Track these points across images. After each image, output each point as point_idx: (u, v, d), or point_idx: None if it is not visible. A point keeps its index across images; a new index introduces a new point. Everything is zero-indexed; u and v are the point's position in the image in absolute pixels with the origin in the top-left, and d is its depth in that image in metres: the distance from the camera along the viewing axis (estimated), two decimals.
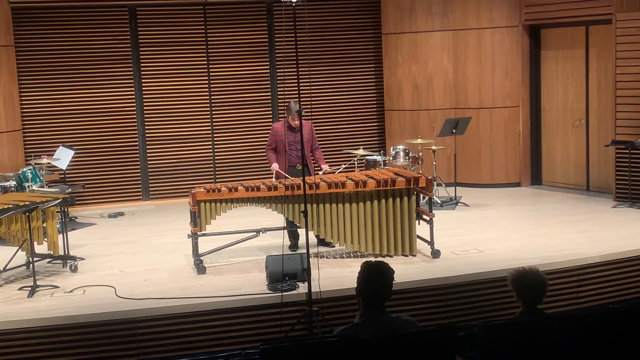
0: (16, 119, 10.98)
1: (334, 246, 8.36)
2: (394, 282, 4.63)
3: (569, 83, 11.27)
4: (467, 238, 8.68)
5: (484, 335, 4.50)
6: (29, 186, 9.50)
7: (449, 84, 11.92)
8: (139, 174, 11.70)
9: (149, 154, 11.69)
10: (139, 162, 11.68)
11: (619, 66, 10.12)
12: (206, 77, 11.79)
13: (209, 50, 11.75)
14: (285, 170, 8.35)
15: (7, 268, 7.65)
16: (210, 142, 11.89)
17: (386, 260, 7.83)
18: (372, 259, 5.30)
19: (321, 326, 6.52)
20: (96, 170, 11.49)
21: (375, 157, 10.35)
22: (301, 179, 7.00)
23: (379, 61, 12.30)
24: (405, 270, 7.44)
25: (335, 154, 11.88)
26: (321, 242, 8.29)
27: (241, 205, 7.82)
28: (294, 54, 6.73)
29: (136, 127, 11.61)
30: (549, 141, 11.64)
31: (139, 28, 11.51)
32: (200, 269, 7.71)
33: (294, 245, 8.44)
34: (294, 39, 6.73)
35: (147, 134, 11.66)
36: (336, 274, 7.48)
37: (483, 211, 10.19)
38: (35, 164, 10.00)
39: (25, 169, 9.71)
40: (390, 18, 11.98)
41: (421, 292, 7.11)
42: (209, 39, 11.74)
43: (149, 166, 11.70)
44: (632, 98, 10.03)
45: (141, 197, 11.74)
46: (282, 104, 11.71)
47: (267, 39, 11.95)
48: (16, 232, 7.57)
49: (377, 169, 9.70)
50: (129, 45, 11.49)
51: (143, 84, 11.58)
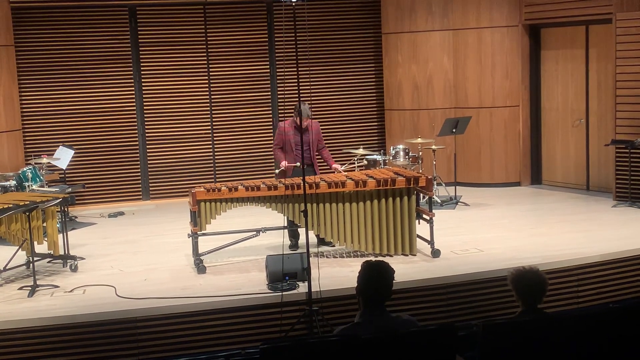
0: (16, 118, 10.98)
1: (334, 246, 8.36)
2: (394, 281, 4.63)
3: (569, 83, 11.27)
4: (467, 237, 8.68)
5: (484, 334, 4.51)
6: (29, 186, 9.50)
7: (449, 84, 11.92)
8: (139, 173, 11.70)
9: (149, 154, 11.69)
10: (139, 162, 11.68)
11: (619, 66, 10.12)
12: (206, 77, 11.79)
13: (208, 50, 11.75)
14: (291, 170, 8.35)
15: (7, 268, 7.65)
16: (210, 142, 11.89)
17: (386, 259, 7.84)
18: (373, 258, 5.31)
19: (321, 326, 6.52)
20: (96, 170, 11.49)
21: (375, 157, 10.35)
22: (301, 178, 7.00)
23: (379, 61, 12.30)
24: (405, 270, 7.44)
25: (336, 154, 11.86)
26: (321, 241, 8.30)
27: (241, 205, 7.82)
28: (294, 53, 6.73)
29: (136, 126, 11.61)
30: (549, 141, 11.65)
31: (138, 28, 11.51)
32: (201, 268, 7.71)
33: (294, 245, 8.44)
34: (293, 38, 6.73)
35: (147, 134, 11.66)
36: (336, 273, 7.48)
37: (483, 211, 10.19)
38: (35, 163, 10.00)
39: (25, 169, 9.71)
40: (390, 18, 11.98)
41: (421, 292, 7.11)
42: (208, 38, 11.74)
43: (149, 166, 11.70)
44: (632, 97, 10.03)
45: (141, 196, 11.74)
46: (282, 103, 11.72)
47: (267, 39, 11.95)
48: (16, 231, 7.57)
49: (377, 168, 9.70)
50: (129, 45, 11.49)
51: (143, 83, 11.58)
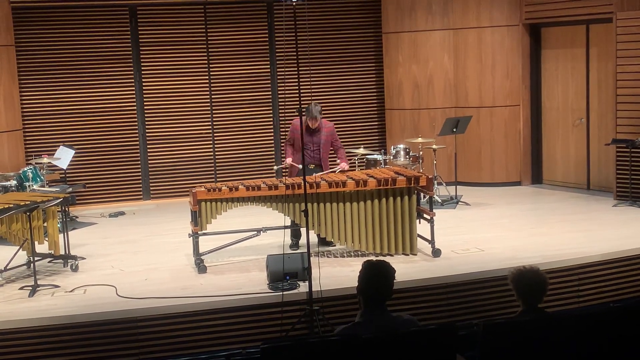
0: (17, 118, 10.98)
1: (334, 245, 8.36)
2: (394, 281, 4.63)
3: (569, 82, 11.27)
4: (467, 237, 8.68)
5: (484, 334, 4.51)
6: (29, 186, 9.50)
7: (449, 83, 11.92)
8: (140, 173, 11.70)
9: (149, 154, 11.69)
10: (139, 162, 11.68)
11: (619, 65, 10.12)
12: (206, 77, 11.79)
13: (209, 49, 11.75)
14: (296, 169, 8.36)
15: (8, 267, 7.66)
16: (211, 142, 11.89)
17: (387, 259, 7.84)
18: (373, 258, 5.30)
19: (322, 325, 6.52)
20: (97, 170, 11.49)
21: (375, 156, 10.35)
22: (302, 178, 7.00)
23: (379, 60, 12.30)
24: (406, 270, 7.44)
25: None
26: (322, 241, 8.30)
27: (242, 205, 7.82)
28: (294, 53, 6.73)
29: (137, 126, 11.61)
30: (550, 140, 11.64)
31: (139, 27, 11.51)
32: (201, 268, 7.71)
33: (294, 245, 8.45)
34: (294, 38, 6.73)
35: (147, 134, 11.66)
36: (337, 273, 7.48)
37: (483, 210, 10.19)
38: (36, 163, 10.00)
39: (25, 169, 9.72)
40: (391, 17, 11.98)
41: (422, 291, 7.11)
42: (209, 38, 11.74)
43: (149, 165, 11.70)
44: (633, 97, 10.03)
45: (142, 196, 11.74)
46: (283, 103, 11.72)
47: (267, 38, 11.95)
48: (17, 231, 7.57)
49: (378, 168, 9.71)
50: (130, 44, 11.49)
51: (143, 83, 11.58)
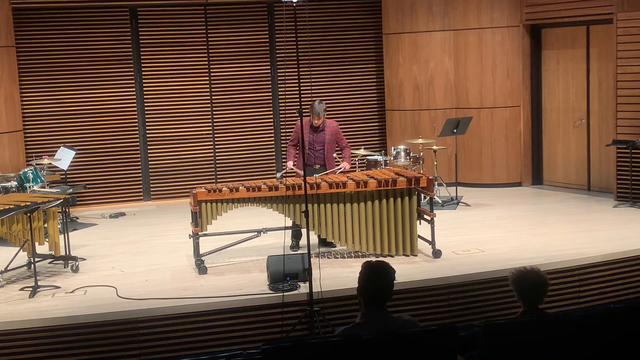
0: (17, 119, 10.98)
1: (335, 246, 8.36)
2: (395, 282, 4.62)
3: (569, 83, 11.27)
4: (468, 238, 8.68)
5: (485, 335, 4.50)
6: (30, 187, 9.50)
7: (449, 84, 11.92)
8: (140, 174, 11.71)
9: (150, 154, 11.69)
10: (140, 163, 11.68)
11: (619, 66, 10.12)
12: (207, 77, 11.79)
13: (209, 50, 11.76)
14: (302, 168, 8.35)
15: (8, 268, 7.65)
16: (211, 142, 11.90)
17: (387, 260, 7.85)
18: (373, 259, 5.30)
19: (322, 326, 6.52)
20: (97, 171, 11.50)
21: (376, 157, 10.35)
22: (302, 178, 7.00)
23: (379, 61, 12.30)
24: (406, 270, 7.44)
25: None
26: (322, 242, 8.29)
27: (242, 206, 7.82)
28: (295, 54, 6.74)
29: (137, 127, 11.61)
30: (550, 141, 11.65)
31: (139, 28, 11.51)
32: (202, 269, 7.71)
33: (295, 246, 8.45)
34: (294, 39, 6.74)
35: (148, 134, 11.66)
36: (337, 274, 7.48)
37: (484, 211, 10.19)
38: (37, 164, 10.01)
39: (26, 170, 9.72)
40: (391, 18, 11.98)
41: (422, 292, 7.11)
42: (209, 39, 11.74)
43: (150, 166, 11.71)
44: (633, 98, 10.03)
45: (142, 197, 11.75)
46: (283, 104, 11.72)
47: (267, 39, 11.95)
48: (17, 232, 7.57)
49: (378, 168, 9.71)
50: (130, 45, 11.49)
51: (144, 84, 11.59)
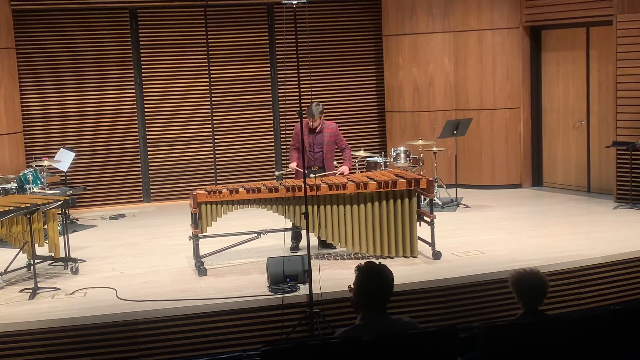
0: (17, 121, 10.98)
1: (335, 248, 8.36)
2: (395, 283, 4.62)
3: (569, 84, 11.27)
4: (468, 239, 8.68)
5: (485, 336, 4.50)
6: (30, 188, 9.50)
7: (449, 85, 11.92)
8: (140, 175, 11.71)
9: (149, 156, 11.69)
10: (139, 164, 11.68)
11: (619, 67, 10.12)
12: (207, 79, 11.79)
13: (209, 52, 11.76)
14: (302, 173, 8.35)
15: (8, 270, 7.64)
16: (211, 144, 11.89)
17: (387, 261, 7.86)
18: (362, 261, 5.28)
19: (322, 328, 6.52)
20: (97, 172, 11.49)
21: (376, 159, 10.35)
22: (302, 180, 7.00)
23: (379, 63, 12.31)
24: (406, 272, 7.44)
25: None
26: (322, 243, 8.29)
27: (242, 207, 7.82)
28: (295, 55, 6.74)
29: (137, 129, 11.61)
30: (550, 142, 11.65)
31: (139, 30, 11.52)
32: (201, 270, 7.71)
33: (295, 247, 8.45)
34: (294, 40, 6.74)
35: (148, 136, 11.66)
36: (337, 275, 7.47)
37: (484, 212, 10.19)
38: (36, 166, 10.00)
39: (26, 171, 9.72)
40: (391, 20, 11.98)
41: (422, 294, 7.11)
42: (209, 40, 11.74)
43: (150, 168, 11.70)
44: (633, 99, 10.03)
45: (142, 198, 11.74)
46: (283, 105, 11.72)
47: (267, 41, 11.95)
48: (17, 234, 7.57)
49: (378, 170, 9.70)
50: (130, 47, 11.49)
51: (144, 85, 11.58)
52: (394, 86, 12.08)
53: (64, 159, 10.46)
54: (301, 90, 6.67)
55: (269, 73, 12.01)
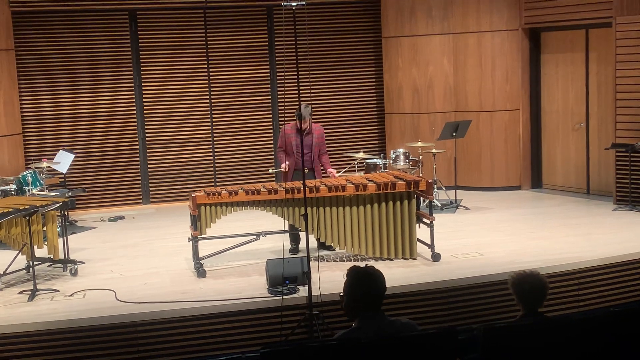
0: (16, 122, 10.98)
1: (334, 249, 8.36)
2: (395, 285, 4.61)
3: (569, 86, 11.28)
4: (467, 241, 8.67)
5: (484, 338, 4.50)
6: (29, 190, 9.49)
7: (449, 87, 11.92)
8: (139, 177, 11.70)
9: (149, 158, 11.69)
10: (139, 166, 11.68)
11: (619, 69, 10.12)
12: (206, 81, 11.80)
13: (209, 53, 11.76)
14: (291, 173, 8.35)
15: (7, 272, 7.64)
16: (211, 146, 11.89)
17: (386, 263, 7.88)
18: (365, 263, 5.28)
19: (322, 329, 6.52)
20: (96, 174, 11.49)
21: (375, 161, 10.35)
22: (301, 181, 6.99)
23: (379, 64, 12.31)
24: (406, 274, 7.44)
25: (336, 157, 11.87)
26: (322, 245, 8.29)
27: (241, 209, 7.82)
28: (294, 57, 6.74)
29: (136, 130, 11.61)
30: (550, 144, 11.65)
31: (139, 32, 11.52)
32: (201, 272, 7.70)
33: (294, 249, 8.44)
34: (294, 42, 6.74)
35: (147, 138, 11.66)
36: (337, 277, 7.45)
37: (483, 214, 10.18)
38: (36, 167, 10.00)
39: (25, 173, 9.72)
40: (391, 21, 11.99)
41: (421, 296, 7.10)
42: (209, 42, 11.75)
43: (149, 169, 11.70)
44: (633, 101, 10.03)
45: (141, 200, 11.74)
46: (282, 107, 11.72)
47: (267, 43, 11.96)
48: (16, 235, 7.57)
49: (378, 172, 9.70)
50: (129, 48, 11.49)
51: (143, 87, 11.59)
52: (394, 88, 12.09)
53: (63, 161, 10.45)
54: (300, 92, 6.66)
55: (269, 75, 12.01)
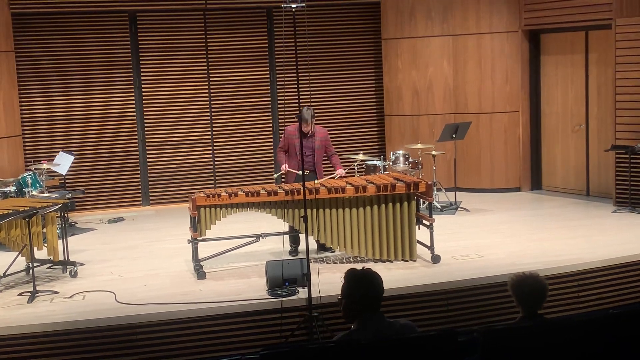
0: (16, 124, 10.98)
1: (334, 251, 8.36)
2: (394, 287, 4.61)
3: (568, 88, 11.28)
4: (467, 243, 8.68)
5: (484, 340, 4.49)
6: (28, 191, 9.49)
7: (448, 89, 11.92)
8: (139, 179, 11.70)
9: (149, 159, 11.69)
10: (139, 167, 11.68)
11: (618, 71, 10.13)
12: (206, 83, 11.80)
13: (209, 55, 11.76)
14: (294, 175, 8.35)
15: (7, 273, 7.64)
16: (210, 147, 11.89)
17: (386, 265, 7.87)
18: (367, 265, 5.28)
19: (321, 331, 6.52)
20: (96, 176, 11.49)
21: (375, 162, 10.35)
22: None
23: (378, 66, 12.31)
24: (406, 276, 7.44)
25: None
26: (321, 247, 8.29)
27: (241, 211, 7.82)
28: (294, 59, 6.74)
29: (136, 132, 11.61)
30: (549, 146, 11.65)
31: (139, 34, 11.52)
32: (200, 274, 7.70)
33: (294, 251, 8.44)
34: (293, 44, 6.74)
35: (147, 139, 11.66)
36: (336, 279, 7.41)
37: (483, 216, 10.18)
38: (35, 169, 10.00)
39: (25, 175, 9.71)
40: (390, 23, 11.99)
41: (421, 297, 7.10)
42: (209, 44, 11.75)
43: (149, 171, 11.70)
44: (632, 103, 10.04)
45: (141, 202, 11.74)
46: (282, 109, 11.72)
47: (267, 45, 11.96)
48: (16, 237, 7.57)
49: (377, 174, 9.70)
50: (129, 50, 11.50)
51: (143, 89, 11.59)
52: (393, 90, 12.09)
53: (63, 162, 10.45)
54: (300, 94, 6.66)
55: (268, 76, 12.02)
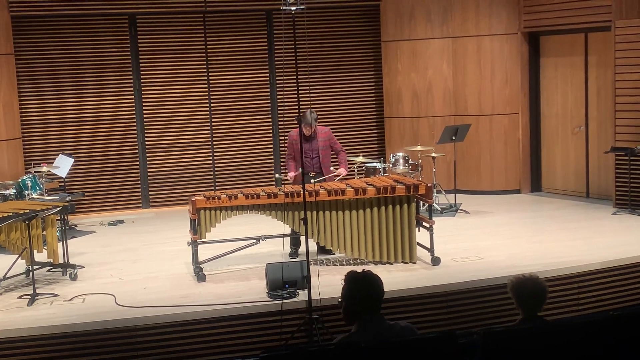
0: (16, 127, 10.98)
1: (334, 253, 8.36)
2: (394, 289, 4.61)
3: (568, 90, 11.28)
4: (467, 245, 8.67)
5: (484, 342, 4.50)
6: (28, 194, 9.49)
7: (448, 91, 11.93)
8: (139, 181, 11.70)
9: (148, 162, 11.69)
10: (138, 170, 11.68)
11: (618, 73, 10.13)
12: (206, 85, 11.80)
13: (208, 58, 11.77)
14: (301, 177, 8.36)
15: (6, 276, 7.64)
16: (210, 150, 11.90)
17: (386, 267, 7.87)
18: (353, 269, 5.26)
19: (321, 334, 6.51)
20: (96, 178, 11.49)
21: (375, 164, 10.35)
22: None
23: (378, 68, 12.31)
24: (405, 278, 7.44)
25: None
26: (321, 249, 8.29)
27: (241, 213, 7.82)
28: (294, 61, 6.74)
29: (136, 134, 11.61)
30: (549, 148, 11.65)
31: (138, 36, 11.53)
32: (200, 276, 7.70)
33: (294, 253, 8.44)
34: (293, 46, 6.74)
35: (146, 142, 11.66)
36: (336, 281, 7.43)
37: (483, 218, 10.18)
38: (35, 172, 10.00)
39: (25, 177, 9.72)
40: (390, 25, 12.00)
41: (421, 300, 7.10)
42: (208, 46, 11.75)
43: (148, 174, 11.70)
44: (632, 105, 10.04)
45: (141, 204, 11.74)
46: (282, 111, 11.73)
47: (266, 47, 11.97)
48: (16, 240, 7.56)
49: (377, 176, 9.70)
50: (129, 53, 11.50)
51: (143, 91, 11.59)
52: (393, 92, 12.09)
53: (63, 165, 10.46)
54: (300, 96, 6.67)
55: (268, 79, 12.02)
